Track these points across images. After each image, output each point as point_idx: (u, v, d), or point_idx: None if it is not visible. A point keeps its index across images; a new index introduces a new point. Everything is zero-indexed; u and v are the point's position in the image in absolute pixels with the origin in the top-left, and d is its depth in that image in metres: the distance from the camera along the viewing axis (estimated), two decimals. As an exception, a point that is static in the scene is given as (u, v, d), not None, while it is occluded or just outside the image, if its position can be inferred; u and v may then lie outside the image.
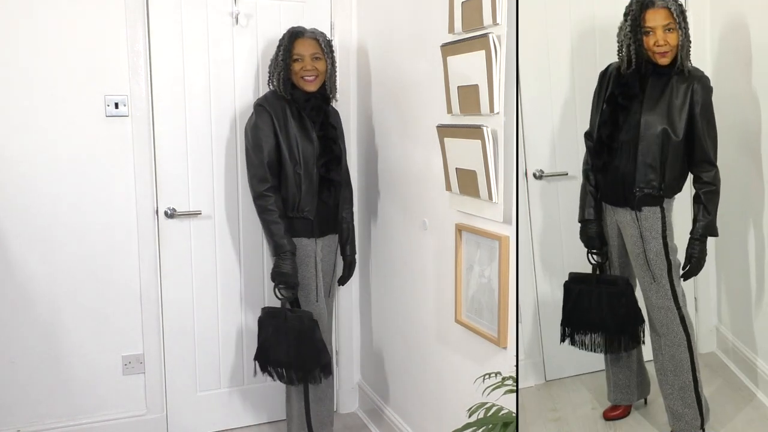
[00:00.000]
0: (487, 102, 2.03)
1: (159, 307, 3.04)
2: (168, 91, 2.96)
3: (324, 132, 2.74)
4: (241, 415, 3.21)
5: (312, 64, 2.69)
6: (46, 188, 2.84)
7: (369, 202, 3.20)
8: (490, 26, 2.01)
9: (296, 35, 2.72)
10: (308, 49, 2.70)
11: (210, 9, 2.98)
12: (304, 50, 2.70)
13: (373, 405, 3.23)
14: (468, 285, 2.29)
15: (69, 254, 2.90)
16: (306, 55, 2.69)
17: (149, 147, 2.95)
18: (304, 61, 2.69)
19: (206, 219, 3.06)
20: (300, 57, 2.69)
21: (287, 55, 2.70)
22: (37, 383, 2.92)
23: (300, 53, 2.70)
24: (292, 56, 2.70)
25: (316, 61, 2.71)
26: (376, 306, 3.20)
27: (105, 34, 2.85)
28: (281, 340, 2.63)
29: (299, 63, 2.70)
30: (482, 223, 2.19)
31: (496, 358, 2.16)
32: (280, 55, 2.71)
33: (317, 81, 2.72)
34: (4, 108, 2.77)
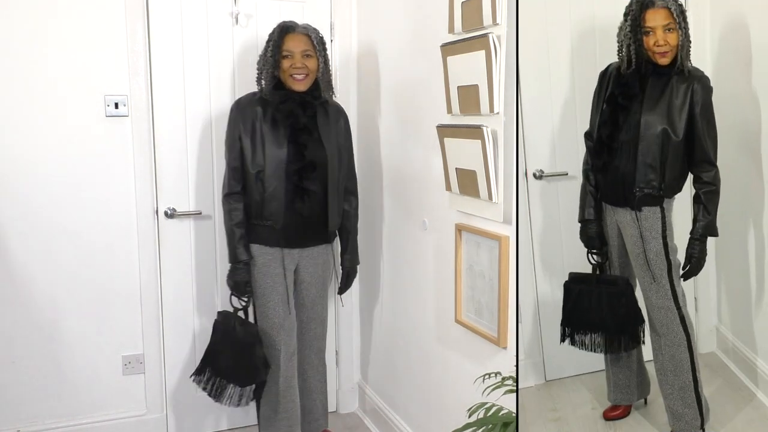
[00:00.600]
0: (487, 102, 2.03)
1: (159, 307, 3.04)
2: (168, 91, 2.96)
3: (296, 137, 2.56)
4: (241, 415, 3.21)
5: (302, 62, 2.54)
6: (46, 188, 2.84)
7: (369, 202, 3.20)
8: (490, 26, 2.01)
9: (287, 30, 2.57)
10: (299, 45, 2.55)
11: (210, 9, 2.98)
12: (294, 46, 2.55)
13: (373, 405, 3.23)
14: (468, 285, 2.29)
15: (69, 254, 2.90)
16: (296, 51, 2.54)
17: (149, 147, 2.95)
18: (294, 58, 2.54)
19: (206, 219, 3.06)
20: (290, 53, 2.54)
21: (276, 51, 2.54)
22: (37, 383, 2.92)
23: (290, 49, 2.55)
24: (282, 52, 2.55)
25: (307, 58, 2.55)
26: (376, 306, 3.20)
27: (105, 34, 2.86)
28: (225, 348, 2.62)
29: (288, 60, 2.55)
30: (482, 223, 2.19)
31: (496, 358, 2.16)
32: (269, 50, 2.56)
33: (307, 80, 2.57)
34: (4, 108, 2.76)
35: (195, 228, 3.05)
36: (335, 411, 3.41)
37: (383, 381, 3.15)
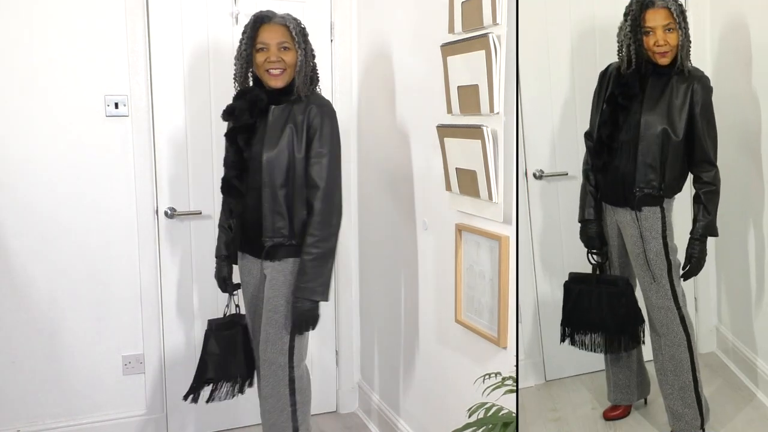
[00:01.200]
0: (487, 102, 2.03)
1: (159, 307, 3.04)
2: (168, 91, 2.96)
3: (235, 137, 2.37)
4: (241, 415, 3.21)
5: (278, 55, 2.31)
6: (46, 188, 2.84)
7: (369, 202, 3.20)
8: (490, 26, 2.01)
9: (262, 20, 2.34)
10: (275, 36, 2.32)
11: (210, 9, 2.98)
12: (269, 38, 2.31)
13: (373, 405, 3.23)
14: (468, 285, 2.29)
15: (69, 254, 2.90)
16: (272, 44, 2.31)
17: (149, 147, 2.95)
18: (270, 51, 2.31)
19: (206, 219, 3.06)
20: (265, 46, 2.32)
21: (250, 44, 2.33)
22: (37, 383, 2.92)
23: (265, 42, 2.31)
24: (256, 45, 2.33)
25: (284, 51, 2.32)
26: (376, 306, 3.20)
27: (105, 34, 2.86)
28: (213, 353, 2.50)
29: (263, 53, 2.32)
30: (482, 223, 2.19)
31: (496, 358, 2.16)
32: (242, 44, 2.36)
33: (284, 75, 2.33)
34: (4, 108, 2.77)
35: (195, 228, 3.05)
36: (335, 411, 3.41)
37: (383, 381, 3.15)
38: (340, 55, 3.22)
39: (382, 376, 3.16)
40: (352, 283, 3.36)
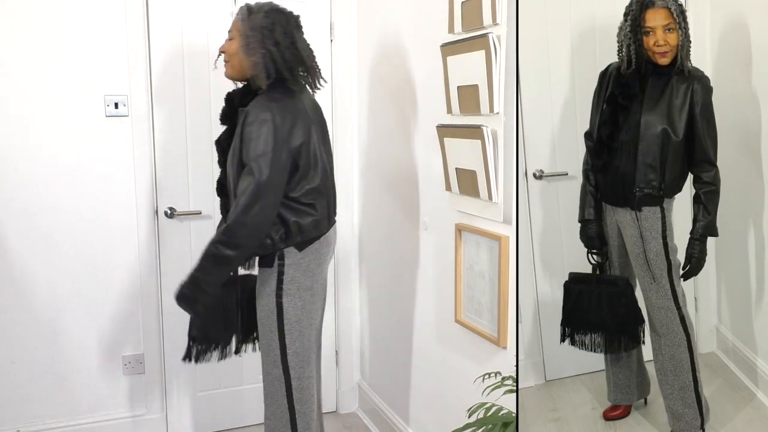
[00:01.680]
0: (487, 102, 2.03)
1: (159, 307, 3.04)
2: (168, 91, 2.96)
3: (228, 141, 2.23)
4: (240, 415, 3.21)
5: (224, 46, 2.19)
6: (46, 188, 2.84)
7: (369, 202, 3.20)
8: (490, 26, 2.01)
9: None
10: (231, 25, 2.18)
11: (210, 9, 2.98)
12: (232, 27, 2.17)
13: (373, 405, 3.23)
14: (468, 285, 2.29)
15: (69, 254, 2.90)
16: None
17: (149, 147, 2.95)
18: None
19: (206, 219, 3.05)
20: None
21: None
22: (37, 383, 2.92)
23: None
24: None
25: (227, 41, 2.19)
26: (376, 306, 3.20)
27: (105, 34, 2.86)
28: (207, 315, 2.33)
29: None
30: (482, 223, 2.19)
31: (496, 358, 2.16)
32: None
33: (228, 67, 2.19)
34: (4, 108, 2.77)
35: (195, 228, 3.05)
36: (335, 411, 3.41)
37: (383, 381, 3.15)
38: (340, 55, 3.22)
39: (382, 376, 3.16)
40: (352, 283, 3.36)
